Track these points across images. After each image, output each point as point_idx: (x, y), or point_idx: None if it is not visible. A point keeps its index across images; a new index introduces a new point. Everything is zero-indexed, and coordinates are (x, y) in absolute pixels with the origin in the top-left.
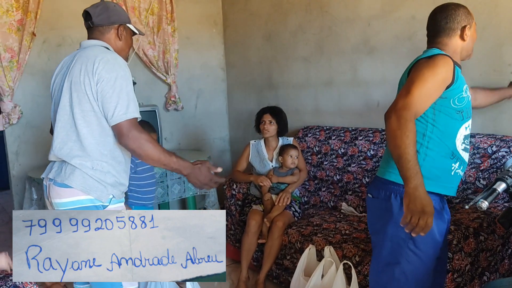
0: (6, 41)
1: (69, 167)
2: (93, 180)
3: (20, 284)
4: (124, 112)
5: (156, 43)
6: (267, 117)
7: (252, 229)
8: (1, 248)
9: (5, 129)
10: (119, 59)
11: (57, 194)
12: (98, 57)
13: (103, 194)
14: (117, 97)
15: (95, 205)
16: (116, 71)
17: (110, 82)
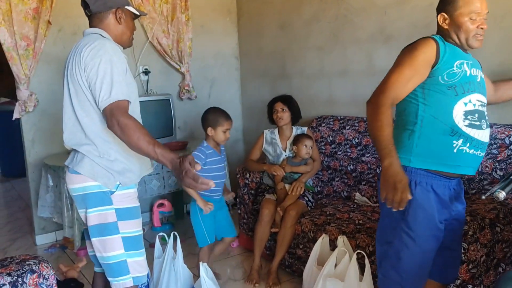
0: (22, 29)
1: (79, 154)
2: (99, 167)
3: (37, 268)
4: (107, 96)
5: (170, 32)
6: (279, 105)
7: (265, 218)
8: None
9: (22, 116)
10: (107, 44)
11: (70, 180)
12: (86, 45)
13: (110, 181)
14: (100, 83)
15: (103, 191)
16: (99, 56)
17: (94, 68)
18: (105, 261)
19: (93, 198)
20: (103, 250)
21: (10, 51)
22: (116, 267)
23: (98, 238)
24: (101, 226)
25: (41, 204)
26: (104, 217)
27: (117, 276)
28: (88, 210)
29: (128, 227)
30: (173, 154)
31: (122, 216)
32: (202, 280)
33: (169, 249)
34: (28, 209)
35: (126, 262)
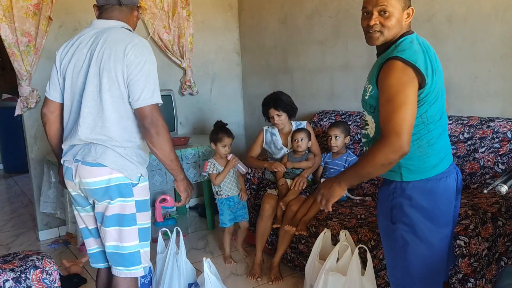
0: (23, 25)
1: (100, 147)
2: (124, 159)
3: (40, 263)
4: (150, 96)
5: (171, 27)
6: (273, 112)
7: (266, 213)
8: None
9: (23, 113)
10: (146, 42)
11: (88, 173)
12: (127, 42)
13: (133, 172)
14: (144, 81)
15: (125, 183)
16: (145, 55)
17: (139, 66)
18: (119, 251)
19: (117, 190)
20: (120, 240)
21: (11, 48)
22: (130, 257)
23: (115, 228)
24: (122, 217)
25: (44, 200)
26: (125, 208)
27: (130, 266)
28: (112, 201)
29: (143, 218)
30: None
31: (139, 208)
32: (206, 275)
33: (172, 244)
34: (31, 205)
35: (139, 253)
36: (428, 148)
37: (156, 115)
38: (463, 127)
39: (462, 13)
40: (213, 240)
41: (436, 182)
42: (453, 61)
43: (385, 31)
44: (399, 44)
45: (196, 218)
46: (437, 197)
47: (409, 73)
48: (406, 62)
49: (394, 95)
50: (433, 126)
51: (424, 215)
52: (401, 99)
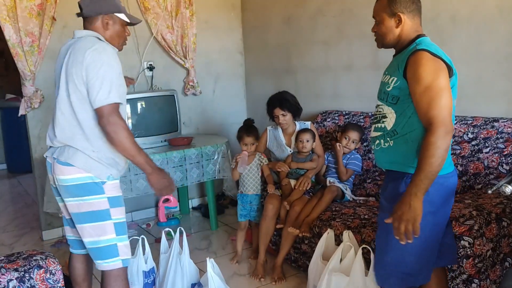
0: (27, 25)
1: (72, 149)
2: (93, 160)
3: (44, 263)
4: (106, 96)
5: (175, 27)
6: (278, 111)
7: (269, 213)
8: (25, 229)
9: (27, 113)
10: (108, 48)
11: (60, 171)
12: (87, 48)
13: (102, 172)
14: (100, 83)
15: (95, 182)
16: (102, 59)
17: (95, 69)
18: (95, 245)
19: (86, 188)
20: (96, 234)
21: (15, 48)
22: (106, 250)
23: (90, 224)
24: (94, 213)
25: (47, 200)
26: (97, 205)
27: (106, 258)
28: (82, 198)
29: (118, 213)
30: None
31: (113, 204)
32: (209, 276)
33: (175, 244)
34: (35, 205)
35: (116, 246)
36: None
37: (112, 114)
38: (467, 127)
39: (466, 13)
40: (216, 240)
41: (449, 179)
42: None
43: (380, 38)
44: (420, 42)
45: (199, 218)
46: (448, 192)
47: (439, 62)
48: (433, 54)
49: (431, 82)
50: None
51: (434, 209)
52: (439, 84)
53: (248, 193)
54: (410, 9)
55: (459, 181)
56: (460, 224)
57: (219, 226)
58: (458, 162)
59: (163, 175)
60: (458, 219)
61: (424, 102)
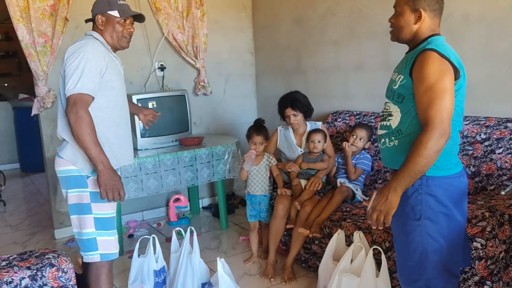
0: (40, 26)
1: (64, 142)
2: (79, 154)
3: (56, 261)
4: (73, 86)
5: (186, 27)
6: (289, 111)
7: (280, 213)
8: (37, 228)
9: (40, 112)
10: (89, 43)
11: (56, 164)
12: (72, 45)
13: (86, 166)
14: (71, 73)
15: (80, 175)
16: (78, 53)
17: (71, 61)
18: (79, 237)
19: (72, 180)
20: (80, 226)
21: (28, 48)
22: (86, 243)
23: (76, 216)
24: (78, 205)
25: (60, 199)
26: (80, 198)
27: (86, 251)
28: (69, 190)
29: (101, 209)
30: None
31: (95, 199)
32: (220, 275)
33: (185, 244)
34: (47, 203)
35: (95, 240)
36: (454, 145)
37: (76, 104)
38: (480, 127)
39: (479, 12)
40: (227, 240)
41: (458, 179)
42: (469, 61)
43: (396, 30)
44: (431, 41)
45: (210, 218)
46: (459, 193)
47: (446, 64)
48: (441, 54)
49: (434, 82)
50: (458, 124)
51: (447, 210)
52: (441, 86)
53: (256, 194)
54: (433, 8)
55: (471, 182)
56: (473, 225)
57: (229, 226)
58: (471, 163)
59: (114, 177)
60: (470, 220)
61: (423, 102)
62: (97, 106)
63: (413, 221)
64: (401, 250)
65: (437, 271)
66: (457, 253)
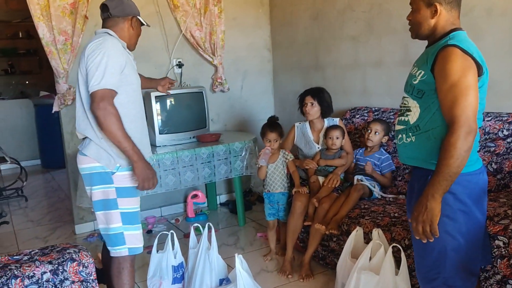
0: (60, 24)
1: (87, 139)
2: (103, 150)
3: (77, 256)
4: (98, 82)
5: (203, 24)
6: (308, 99)
7: (297, 210)
8: (58, 223)
9: (61, 109)
10: (110, 40)
11: (79, 161)
12: (91, 42)
13: (110, 163)
14: (95, 69)
15: (105, 171)
16: (100, 49)
17: (92, 58)
18: (106, 232)
19: (97, 177)
20: (106, 222)
21: (49, 46)
22: (114, 238)
23: (102, 212)
24: (104, 202)
25: (80, 195)
26: (106, 194)
27: (114, 246)
28: (93, 187)
29: (127, 204)
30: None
31: (121, 194)
32: (238, 271)
33: (203, 240)
34: (68, 199)
35: (123, 234)
36: (475, 142)
37: (103, 100)
38: (503, 123)
39: (502, 6)
40: (244, 236)
41: (477, 176)
42: (492, 56)
43: (414, 27)
44: (453, 36)
45: (227, 214)
46: (479, 190)
47: (469, 60)
48: (464, 51)
49: (458, 79)
50: (479, 121)
51: (466, 208)
52: (466, 83)
53: (275, 192)
54: (449, 1)
55: (493, 179)
56: (495, 223)
57: (246, 222)
58: (493, 160)
59: (148, 167)
60: (492, 218)
61: (448, 100)
62: (118, 102)
63: None
64: (419, 248)
65: (456, 269)
66: (476, 251)
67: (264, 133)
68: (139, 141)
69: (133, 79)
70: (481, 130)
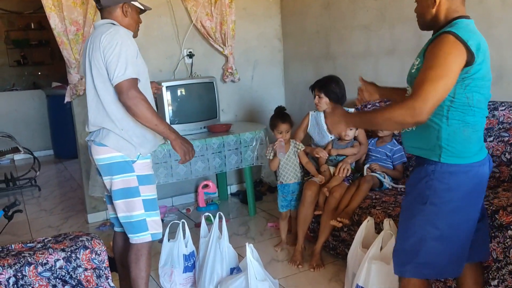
0: (71, 14)
1: (105, 130)
2: (123, 140)
3: (89, 244)
4: (122, 73)
5: (214, 14)
6: (316, 91)
7: (308, 199)
8: (71, 212)
9: (73, 100)
10: (121, 30)
11: (96, 152)
12: (103, 33)
13: (132, 152)
14: (116, 61)
15: (126, 161)
16: (116, 39)
17: (111, 49)
18: (128, 220)
19: (117, 167)
20: (127, 210)
21: (60, 36)
22: (137, 225)
23: (122, 200)
24: (125, 190)
25: (92, 184)
26: (127, 183)
27: (138, 232)
28: (114, 177)
29: (147, 191)
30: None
31: (142, 182)
32: (248, 261)
33: (214, 229)
34: (80, 189)
35: (145, 221)
36: (473, 133)
37: (131, 89)
38: None
39: None
40: (255, 226)
41: (475, 169)
42: (506, 45)
43: (419, 18)
44: (454, 23)
45: (238, 204)
46: (475, 183)
47: (458, 48)
48: (458, 37)
49: (436, 65)
50: (479, 112)
51: (457, 201)
52: (442, 70)
53: (290, 182)
54: None
55: (507, 169)
56: (508, 213)
57: (257, 212)
58: (506, 150)
59: (185, 140)
60: (505, 208)
61: (419, 78)
62: None
63: (419, 205)
64: (402, 231)
65: (432, 258)
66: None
67: (276, 124)
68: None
69: (144, 67)
70: (496, 120)
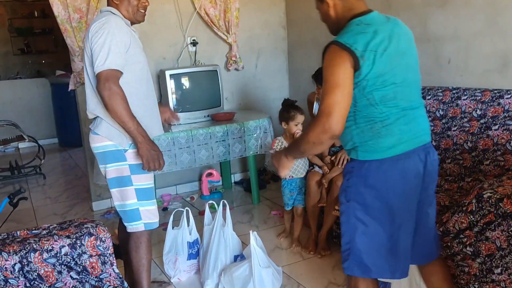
0: (75, 1)
1: (98, 118)
2: (114, 129)
3: (94, 231)
4: (102, 63)
5: (218, 1)
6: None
7: (312, 189)
8: (76, 200)
9: (77, 88)
10: (113, 20)
11: (92, 140)
12: (95, 21)
13: (123, 141)
14: (99, 50)
15: (118, 149)
16: (103, 29)
17: (96, 38)
18: (122, 208)
19: (110, 155)
20: (121, 199)
21: (64, 24)
22: (130, 213)
23: (117, 189)
24: (119, 179)
25: (97, 172)
26: (120, 171)
27: (131, 221)
28: (107, 165)
29: (141, 180)
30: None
31: (134, 171)
32: (252, 248)
33: (218, 217)
34: (85, 177)
35: (138, 210)
36: (383, 128)
37: (108, 80)
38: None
39: None
40: (258, 214)
41: (392, 164)
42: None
43: (327, 25)
44: (348, 26)
45: (241, 193)
46: (393, 178)
47: (341, 56)
48: (341, 45)
49: (328, 77)
50: (387, 108)
51: (378, 196)
52: (333, 81)
53: (300, 177)
54: None
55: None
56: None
57: (260, 201)
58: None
59: (153, 147)
60: (510, 196)
61: (321, 92)
62: (125, 81)
63: (345, 202)
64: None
65: (364, 255)
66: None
67: (293, 116)
68: (149, 119)
69: (139, 57)
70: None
